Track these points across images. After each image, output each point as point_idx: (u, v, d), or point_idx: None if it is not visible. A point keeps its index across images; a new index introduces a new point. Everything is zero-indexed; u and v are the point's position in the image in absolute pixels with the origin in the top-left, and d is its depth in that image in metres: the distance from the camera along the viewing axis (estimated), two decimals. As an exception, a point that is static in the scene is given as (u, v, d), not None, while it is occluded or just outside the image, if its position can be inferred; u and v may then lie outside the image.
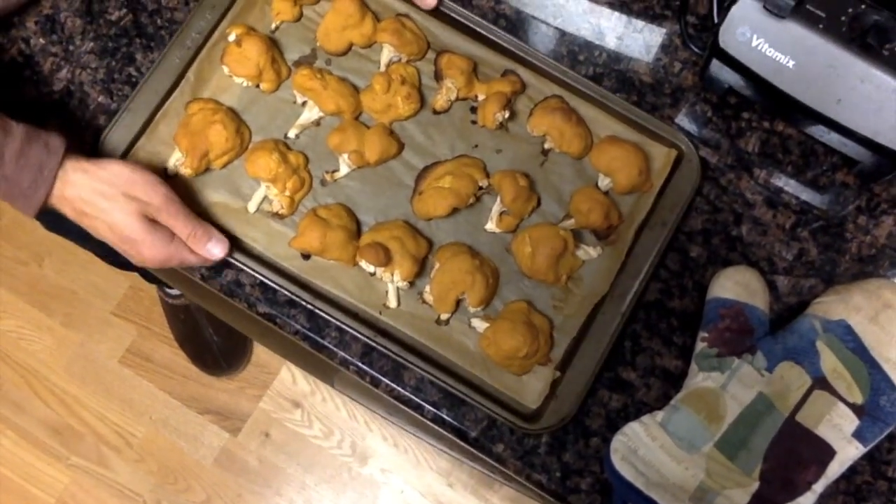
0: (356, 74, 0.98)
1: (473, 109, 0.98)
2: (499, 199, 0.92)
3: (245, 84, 0.94)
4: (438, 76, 0.97)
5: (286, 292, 0.89)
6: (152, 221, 0.84)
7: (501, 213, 0.94)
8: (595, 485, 0.85)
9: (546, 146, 0.96)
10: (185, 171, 0.91)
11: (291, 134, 0.95)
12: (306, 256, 0.91)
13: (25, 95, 0.95)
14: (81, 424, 1.81)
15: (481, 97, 0.96)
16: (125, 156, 0.91)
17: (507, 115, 0.94)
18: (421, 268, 0.92)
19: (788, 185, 0.85)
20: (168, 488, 1.78)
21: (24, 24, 0.95)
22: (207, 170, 0.93)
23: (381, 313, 0.91)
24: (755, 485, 0.72)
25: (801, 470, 0.72)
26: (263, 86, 0.95)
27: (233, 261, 0.89)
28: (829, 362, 0.72)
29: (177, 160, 0.92)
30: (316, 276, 0.92)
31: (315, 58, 0.98)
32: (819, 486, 0.73)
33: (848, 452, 0.72)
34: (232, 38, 0.93)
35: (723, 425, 0.74)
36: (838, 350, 0.72)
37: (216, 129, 0.90)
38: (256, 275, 0.89)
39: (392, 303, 0.91)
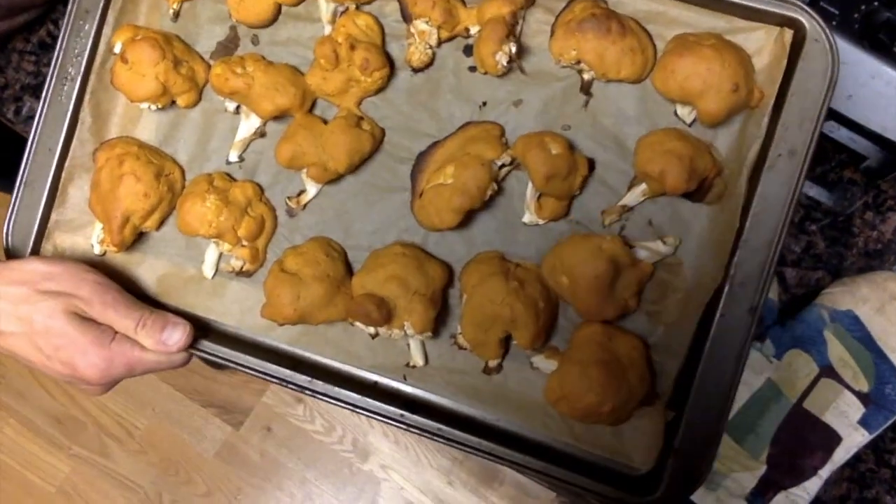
0: (297, 46, 0.72)
1: (468, 50, 0.70)
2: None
3: (155, 107, 0.72)
4: (406, 16, 0.69)
5: (274, 380, 0.69)
6: (85, 319, 0.66)
7: (539, 198, 0.67)
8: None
9: (585, 77, 0.67)
10: (110, 248, 0.71)
11: (232, 157, 0.72)
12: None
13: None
14: (84, 414, 1.86)
15: (473, 30, 0.68)
16: (38, 244, 0.73)
17: (513, 49, 0.65)
18: (443, 302, 0.68)
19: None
20: (169, 480, 1.84)
21: (55, 6, 0.90)
22: (141, 235, 0.73)
23: (405, 377, 0.69)
24: (762, 468, 0.76)
25: (807, 455, 0.76)
26: (179, 101, 0.72)
27: (200, 352, 0.69)
28: (836, 351, 0.76)
29: (98, 236, 0.72)
30: (311, 345, 0.70)
31: (237, 38, 0.73)
32: (825, 472, 0.76)
33: (854, 439, 0.75)
34: (117, 49, 0.71)
35: (731, 409, 0.74)
36: (845, 339, 0.76)
37: (127, 183, 0.69)
38: (232, 363, 0.69)
39: (418, 360, 0.68)
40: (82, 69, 0.72)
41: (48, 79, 0.72)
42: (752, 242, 0.62)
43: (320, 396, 0.68)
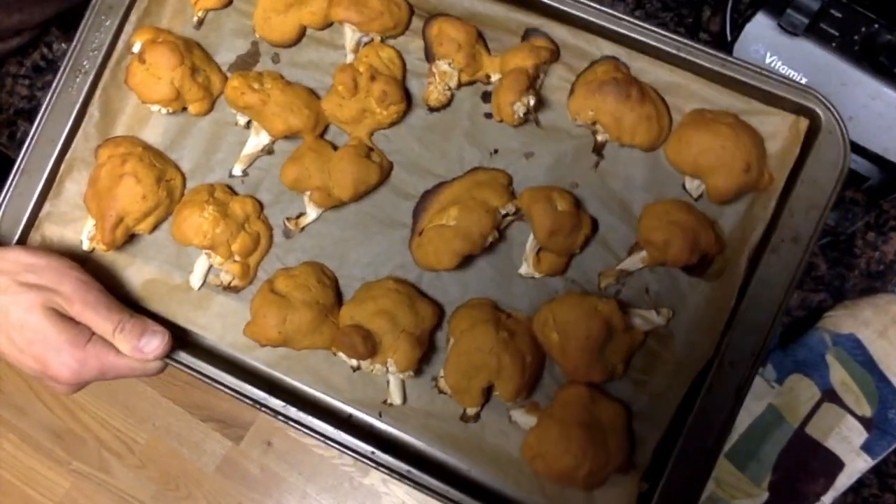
0: (317, 70, 0.72)
1: (486, 96, 0.71)
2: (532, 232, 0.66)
3: (166, 111, 0.72)
4: (429, 56, 0.70)
5: (248, 401, 0.68)
6: (63, 317, 0.65)
7: (539, 251, 0.67)
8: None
9: (599, 138, 0.68)
10: (99, 246, 0.71)
11: (237, 171, 0.72)
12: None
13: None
14: (83, 429, 1.85)
15: (494, 78, 0.69)
16: (26, 233, 0.72)
17: (532, 101, 0.66)
18: (430, 344, 0.68)
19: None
20: (169, 495, 1.82)
21: (48, 28, 0.90)
22: (133, 237, 0.73)
23: (381, 414, 0.68)
24: (764, 495, 0.75)
25: (809, 481, 0.75)
26: (191, 108, 0.72)
27: (176, 363, 0.69)
28: (838, 375, 0.75)
29: (89, 232, 0.72)
30: (290, 370, 0.69)
31: (258, 54, 0.74)
32: (827, 498, 0.75)
33: (856, 465, 0.75)
34: (136, 48, 0.71)
35: (733, 436, 0.77)
36: (847, 363, 0.75)
37: (126, 183, 0.68)
38: (206, 380, 0.69)
39: (396, 399, 0.68)
40: (97, 64, 0.72)
41: (61, 69, 0.72)
42: (746, 323, 0.63)
43: (293, 424, 0.67)
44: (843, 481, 0.75)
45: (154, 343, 0.66)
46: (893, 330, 0.74)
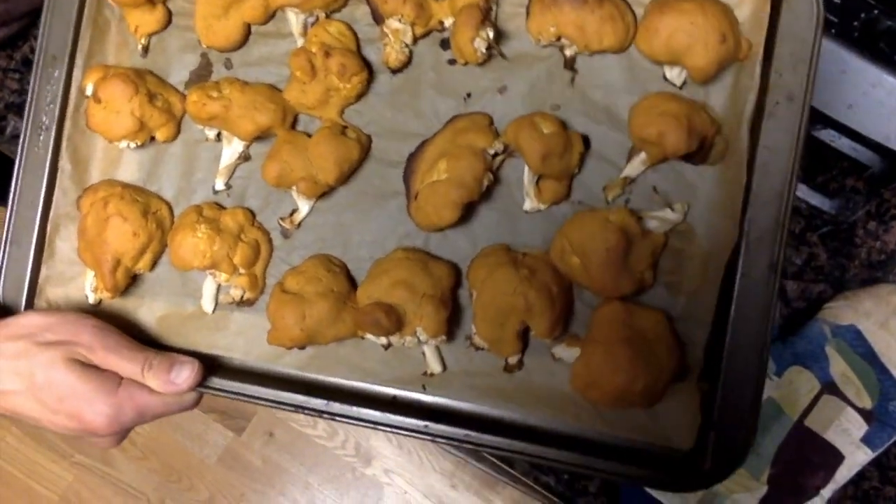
0: (271, 64, 0.71)
1: (445, 43, 0.69)
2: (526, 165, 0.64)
3: (134, 145, 0.71)
4: (377, 18, 0.69)
5: (290, 408, 0.67)
6: (88, 367, 0.64)
7: (538, 181, 0.66)
8: (603, 486, 0.83)
9: (567, 53, 0.66)
10: (104, 295, 0.70)
11: (219, 185, 0.71)
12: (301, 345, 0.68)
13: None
14: None
15: (448, 22, 0.68)
16: (30, 302, 0.71)
17: (491, 33, 0.64)
18: (454, 304, 0.66)
19: (798, 189, 0.83)
20: (171, 487, 1.85)
21: (36, 22, 0.87)
22: (135, 279, 0.72)
23: (424, 387, 0.67)
24: (763, 489, 0.75)
25: (809, 474, 0.75)
26: (158, 135, 0.71)
27: (210, 389, 0.67)
28: (839, 367, 0.75)
29: (91, 284, 0.71)
30: (323, 368, 0.68)
31: (210, 65, 0.72)
32: (827, 492, 0.75)
33: (856, 457, 0.74)
34: (89, 90, 0.70)
35: None
36: (847, 355, 0.75)
37: (114, 224, 0.67)
38: (244, 398, 0.67)
39: (435, 367, 0.66)
40: (56, 117, 0.71)
41: (23, 131, 0.71)
42: (763, 195, 0.61)
43: (339, 419, 0.65)
44: (844, 474, 0.75)
45: (184, 374, 0.65)
46: (894, 321, 0.74)
